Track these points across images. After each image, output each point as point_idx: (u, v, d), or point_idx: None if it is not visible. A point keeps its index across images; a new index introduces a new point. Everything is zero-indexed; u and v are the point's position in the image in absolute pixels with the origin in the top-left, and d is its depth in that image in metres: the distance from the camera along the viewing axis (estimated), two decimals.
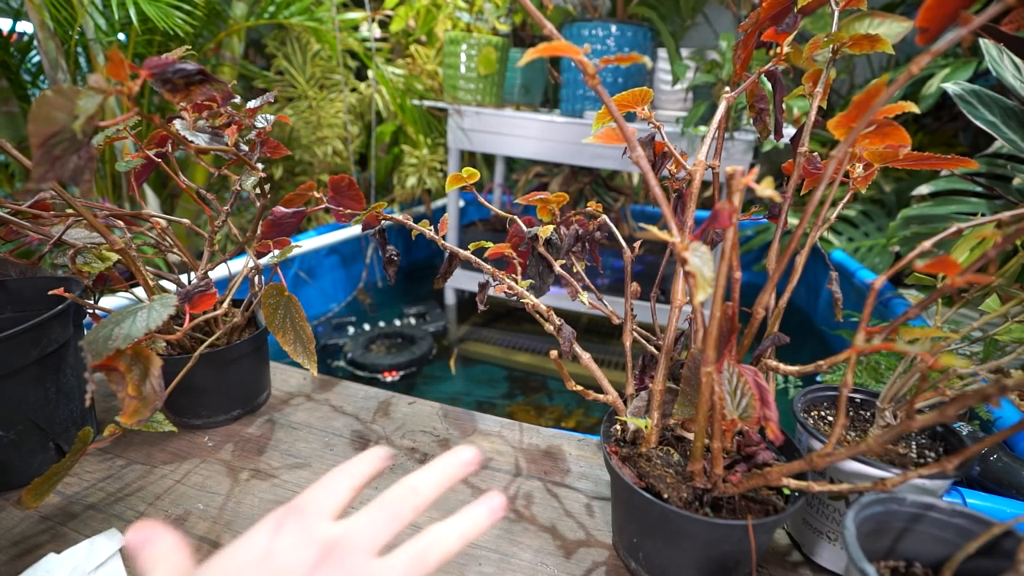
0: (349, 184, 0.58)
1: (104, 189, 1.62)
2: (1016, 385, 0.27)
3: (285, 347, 0.63)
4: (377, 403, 0.74)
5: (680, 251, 0.30)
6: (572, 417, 1.53)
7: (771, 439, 0.34)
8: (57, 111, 0.30)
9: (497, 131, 1.83)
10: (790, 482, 0.38)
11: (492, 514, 0.30)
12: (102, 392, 0.73)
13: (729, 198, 0.30)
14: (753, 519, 0.38)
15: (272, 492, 0.57)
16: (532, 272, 0.58)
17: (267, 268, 0.66)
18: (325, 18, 1.87)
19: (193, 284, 0.51)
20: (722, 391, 0.36)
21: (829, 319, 1.81)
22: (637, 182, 2.38)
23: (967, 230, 0.41)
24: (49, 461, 0.57)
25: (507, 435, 0.69)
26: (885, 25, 0.43)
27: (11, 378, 0.52)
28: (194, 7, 1.52)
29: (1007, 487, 0.67)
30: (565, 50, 0.31)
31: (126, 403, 0.40)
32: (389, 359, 1.67)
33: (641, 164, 0.35)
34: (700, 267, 0.29)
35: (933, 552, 0.36)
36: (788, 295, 0.49)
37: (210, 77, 0.38)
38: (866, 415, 0.53)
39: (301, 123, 2.10)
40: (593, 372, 0.51)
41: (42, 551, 0.48)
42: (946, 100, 1.76)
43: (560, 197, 0.56)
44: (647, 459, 0.46)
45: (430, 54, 2.25)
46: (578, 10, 2.12)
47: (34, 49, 1.58)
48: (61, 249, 0.58)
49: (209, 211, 0.68)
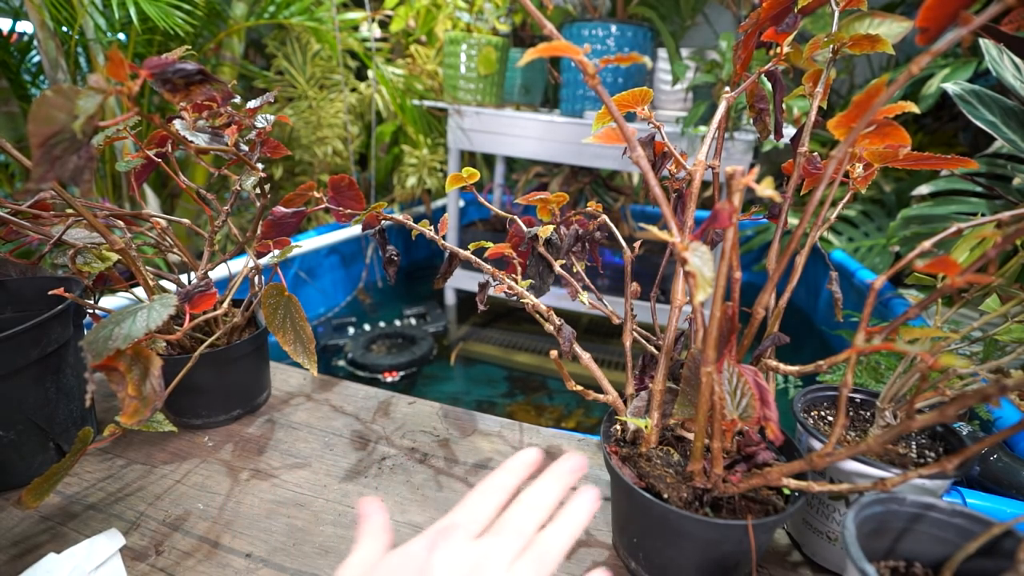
0: (349, 184, 0.58)
1: (104, 189, 1.62)
2: (1016, 385, 0.27)
3: (285, 347, 0.63)
4: (377, 403, 0.74)
5: (680, 251, 0.31)
6: (572, 417, 1.53)
7: (771, 439, 0.34)
8: (57, 111, 0.30)
9: (497, 131, 1.83)
10: (790, 482, 0.38)
11: (591, 508, 0.34)
12: (102, 392, 0.73)
13: (729, 198, 0.30)
14: (753, 519, 0.38)
15: (272, 492, 0.57)
16: (532, 272, 0.58)
17: (267, 268, 0.66)
18: (325, 18, 1.87)
19: (193, 284, 0.51)
20: (722, 391, 0.36)
21: (829, 319, 1.81)
22: (637, 182, 2.38)
23: (967, 230, 0.41)
24: (49, 461, 0.57)
25: (507, 435, 0.69)
26: (885, 25, 0.43)
27: (11, 378, 0.52)
28: (194, 7, 1.52)
29: (1007, 487, 0.67)
30: (565, 50, 0.31)
31: (126, 403, 0.40)
32: (390, 359, 1.67)
33: (641, 164, 0.35)
34: (700, 267, 0.29)
35: (933, 552, 0.36)
36: (788, 295, 0.49)
37: (210, 77, 0.38)
38: (866, 415, 0.53)
39: (301, 123, 2.10)
40: (593, 372, 0.51)
41: (42, 551, 0.48)
42: (946, 100, 1.76)
43: (560, 197, 0.56)
44: (647, 459, 0.46)
45: (430, 54, 2.25)
46: (578, 10, 2.12)
47: (34, 49, 1.58)
48: (61, 249, 0.58)
49: (209, 211, 0.68)
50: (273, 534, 0.52)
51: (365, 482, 0.59)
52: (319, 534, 0.52)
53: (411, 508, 0.56)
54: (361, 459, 0.63)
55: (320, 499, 0.57)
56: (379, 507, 0.34)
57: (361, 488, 0.58)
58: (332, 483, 0.59)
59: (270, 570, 0.48)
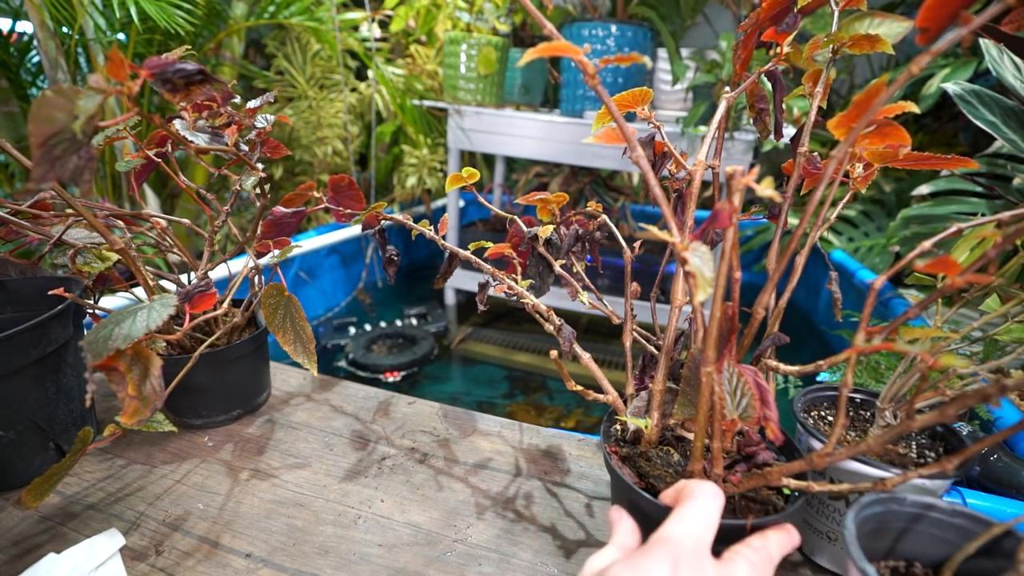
0: (349, 184, 0.58)
1: (104, 189, 1.62)
2: (1016, 385, 0.27)
3: (285, 347, 0.63)
4: (377, 403, 0.74)
5: (680, 251, 0.30)
6: (572, 417, 1.53)
7: (771, 439, 0.34)
8: (57, 111, 0.30)
9: (497, 131, 1.83)
10: (790, 482, 0.38)
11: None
12: (102, 392, 0.73)
13: (729, 198, 0.30)
14: (753, 519, 0.38)
15: (272, 492, 0.57)
16: (532, 272, 0.58)
17: (267, 268, 0.66)
18: (325, 18, 1.87)
19: (193, 284, 0.51)
20: (722, 391, 0.36)
21: (829, 319, 1.81)
22: (637, 182, 2.38)
23: (967, 230, 0.41)
24: (49, 461, 0.57)
25: (507, 435, 0.69)
26: (885, 25, 0.43)
27: (11, 378, 0.52)
28: (194, 7, 1.52)
29: (1007, 487, 0.67)
30: (565, 50, 0.31)
31: (126, 403, 0.40)
32: (390, 359, 1.67)
33: (641, 164, 0.35)
34: (700, 267, 0.29)
35: (933, 552, 0.36)
36: (788, 295, 0.49)
37: (210, 77, 0.38)
38: (866, 415, 0.53)
39: (301, 123, 2.10)
40: (593, 372, 0.51)
41: (42, 551, 0.48)
42: (946, 100, 1.76)
43: (560, 197, 0.56)
44: (647, 459, 0.46)
45: (430, 54, 2.25)
46: (578, 10, 2.12)
47: (34, 49, 1.58)
48: (61, 249, 0.58)
49: (209, 211, 0.68)
50: (273, 534, 0.52)
51: (365, 482, 0.59)
52: (319, 534, 0.52)
53: (411, 508, 0.56)
54: (361, 459, 0.63)
55: (320, 499, 0.57)
56: (624, 515, 0.37)
57: (361, 488, 0.58)
58: (332, 483, 0.59)
59: (270, 570, 0.48)
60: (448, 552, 0.51)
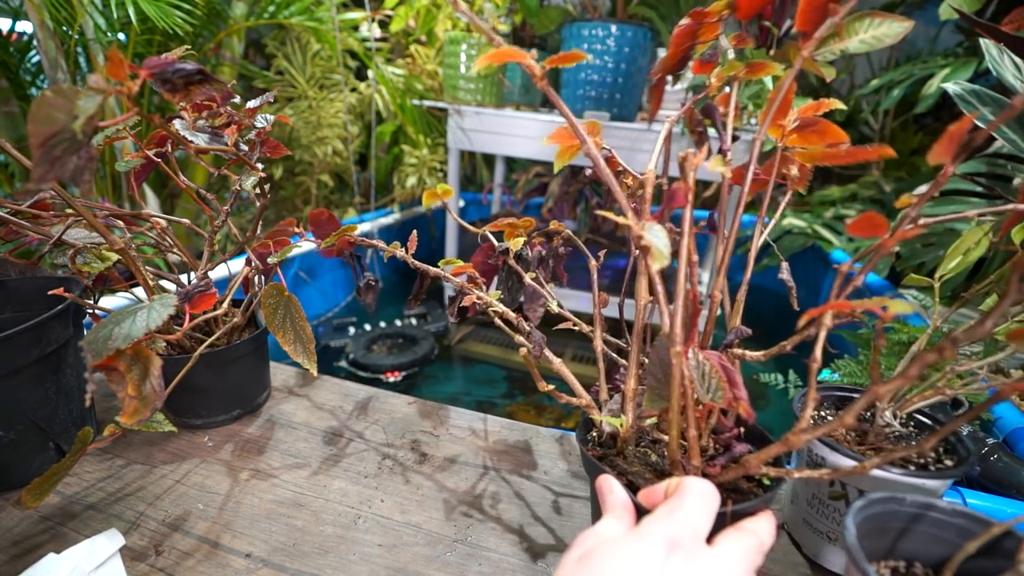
0: (329, 218, 0.60)
1: (104, 189, 1.62)
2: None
3: (285, 347, 0.63)
4: (377, 403, 0.74)
5: (636, 231, 0.32)
6: (572, 417, 1.53)
7: (744, 418, 0.35)
8: (57, 111, 0.30)
9: (497, 131, 1.83)
10: (769, 470, 0.38)
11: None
12: (102, 392, 0.73)
13: (684, 178, 0.33)
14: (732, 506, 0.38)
15: (272, 492, 0.57)
16: (502, 286, 0.59)
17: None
18: (325, 18, 1.87)
19: (193, 284, 0.51)
20: (691, 375, 0.36)
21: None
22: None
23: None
24: (49, 461, 0.57)
25: (507, 435, 0.69)
26: (885, 25, 0.43)
27: (11, 378, 0.52)
28: (194, 7, 1.52)
29: (1007, 487, 0.67)
30: (512, 56, 0.33)
31: (126, 403, 0.40)
32: (391, 360, 1.67)
33: (592, 155, 0.37)
34: (654, 241, 0.31)
35: (933, 552, 0.36)
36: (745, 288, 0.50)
37: (210, 77, 0.38)
38: (866, 415, 0.53)
39: (301, 123, 2.10)
40: (565, 377, 0.51)
41: (42, 551, 0.48)
42: (946, 100, 1.76)
43: (527, 222, 0.57)
44: (624, 457, 0.46)
45: (430, 54, 2.25)
46: (578, 10, 2.12)
47: (34, 49, 1.58)
48: (61, 249, 0.58)
49: (209, 211, 0.68)
50: (273, 534, 0.52)
51: (365, 482, 0.59)
52: (319, 534, 0.52)
53: (411, 508, 0.56)
54: (361, 459, 0.63)
55: (320, 499, 0.57)
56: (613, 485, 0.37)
57: (361, 488, 0.58)
58: (332, 483, 0.59)
59: (270, 570, 0.48)
60: (448, 552, 0.51)
